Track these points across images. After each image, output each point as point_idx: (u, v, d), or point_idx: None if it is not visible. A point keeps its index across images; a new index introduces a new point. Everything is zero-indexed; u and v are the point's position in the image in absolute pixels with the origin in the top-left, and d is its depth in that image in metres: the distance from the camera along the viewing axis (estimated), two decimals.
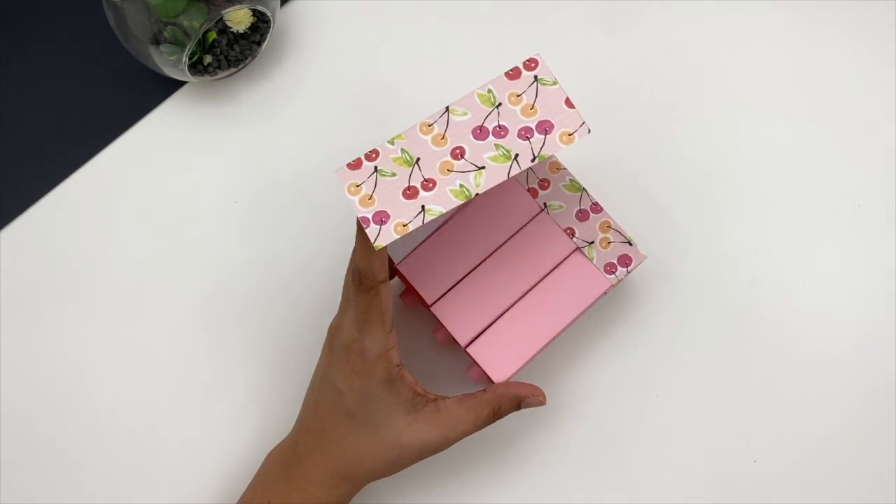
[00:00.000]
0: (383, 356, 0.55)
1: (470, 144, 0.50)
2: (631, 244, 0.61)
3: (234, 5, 0.65)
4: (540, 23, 0.74)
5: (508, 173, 0.49)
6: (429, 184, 0.50)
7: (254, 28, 0.69)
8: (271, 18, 0.68)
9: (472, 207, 0.61)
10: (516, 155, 0.49)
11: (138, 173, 0.71)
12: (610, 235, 0.61)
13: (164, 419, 0.66)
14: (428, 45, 0.73)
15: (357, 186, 0.51)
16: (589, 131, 0.49)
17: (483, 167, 0.49)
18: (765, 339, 0.66)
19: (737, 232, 0.68)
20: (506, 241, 0.61)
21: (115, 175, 0.70)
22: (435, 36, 0.74)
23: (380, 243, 0.49)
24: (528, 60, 0.52)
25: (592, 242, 0.61)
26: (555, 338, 0.59)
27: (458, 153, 0.50)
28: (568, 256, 0.60)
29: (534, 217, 0.61)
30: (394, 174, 0.51)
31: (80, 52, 0.73)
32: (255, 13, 0.68)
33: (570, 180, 0.62)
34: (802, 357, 0.66)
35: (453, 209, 0.52)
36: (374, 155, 0.52)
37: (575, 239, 0.61)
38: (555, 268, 0.60)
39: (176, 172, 0.71)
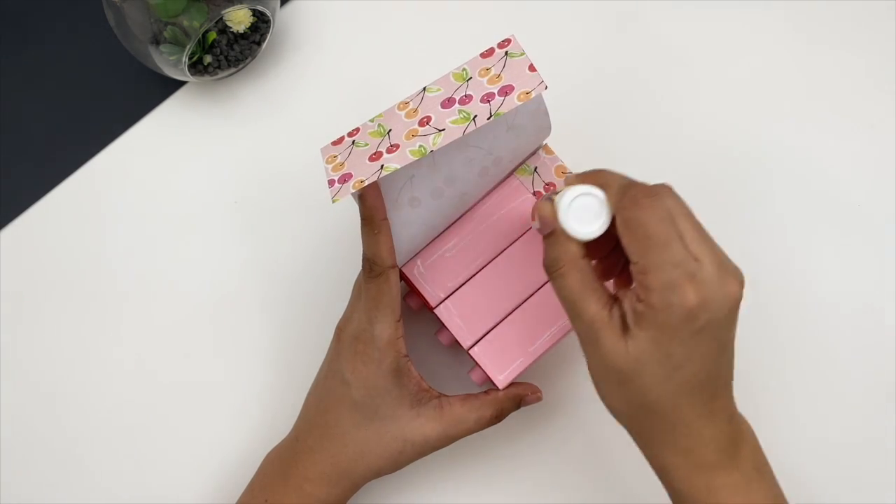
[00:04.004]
0: (392, 344, 0.55)
1: (437, 113, 0.52)
2: None
3: (234, 5, 0.65)
4: (541, 24, 0.74)
5: (464, 132, 0.50)
6: (393, 148, 0.52)
7: (254, 28, 0.69)
8: (271, 18, 0.68)
9: (476, 210, 0.61)
10: (475, 116, 0.51)
11: (138, 173, 0.71)
12: None
13: (165, 419, 0.66)
14: (426, 44, 0.74)
15: (334, 157, 0.54)
16: (546, 87, 0.51)
17: (443, 129, 0.51)
18: (764, 339, 0.66)
19: (737, 232, 0.68)
20: (510, 245, 0.61)
21: (115, 175, 0.70)
22: (433, 35, 0.74)
23: (337, 198, 0.50)
24: (502, 41, 0.54)
25: None
26: (558, 341, 0.59)
27: (425, 121, 0.52)
28: None
29: None
30: (366, 144, 0.53)
31: (80, 52, 0.73)
32: (255, 13, 0.68)
33: None
34: (802, 357, 0.66)
35: (414, 167, 0.54)
36: (355, 132, 0.55)
37: None
38: None
39: (176, 172, 0.71)
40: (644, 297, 0.46)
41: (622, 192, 0.48)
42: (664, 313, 0.45)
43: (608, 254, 0.53)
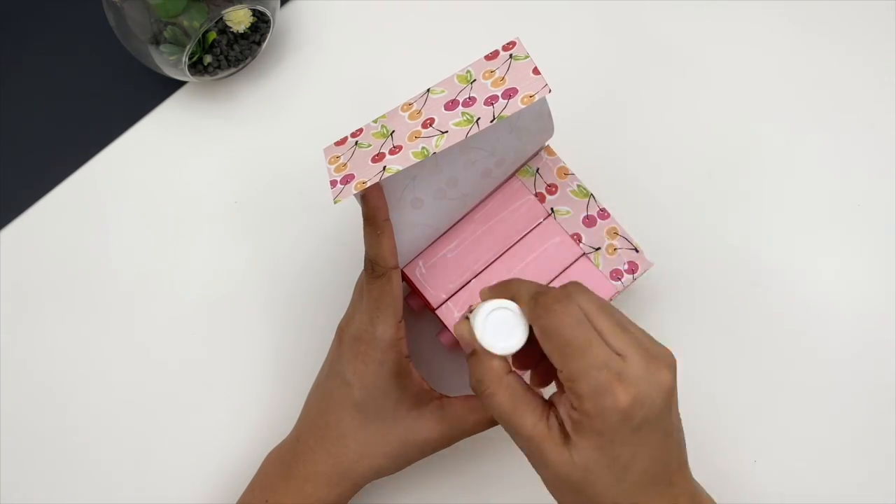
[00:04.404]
0: (394, 345, 0.55)
1: (440, 115, 0.52)
2: (637, 251, 0.61)
3: (234, 5, 0.65)
4: (539, 23, 0.74)
5: (467, 134, 0.50)
6: (396, 149, 0.52)
7: (254, 28, 0.69)
8: (271, 18, 0.68)
9: (477, 212, 0.61)
10: (478, 118, 0.51)
11: (138, 173, 0.70)
12: (616, 242, 0.61)
13: (165, 419, 0.66)
14: (427, 44, 0.73)
15: (337, 158, 0.54)
16: (550, 91, 0.51)
17: (446, 131, 0.51)
18: (766, 339, 0.67)
19: (738, 233, 0.69)
20: (512, 246, 0.61)
21: (115, 175, 0.70)
22: (434, 36, 0.74)
23: (339, 199, 0.50)
24: (507, 43, 0.54)
25: (599, 248, 0.61)
26: None
27: (428, 123, 0.52)
28: (574, 262, 0.60)
29: (541, 222, 0.61)
30: (369, 145, 0.53)
31: (80, 52, 0.72)
32: (255, 13, 0.67)
33: (578, 186, 0.62)
34: (803, 357, 0.66)
35: (414, 168, 0.54)
36: (358, 132, 0.55)
37: (581, 245, 0.61)
38: (561, 273, 0.60)
39: (176, 172, 0.71)
40: (577, 405, 0.45)
41: (534, 300, 0.47)
42: (599, 419, 0.44)
43: (541, 360, 0.52)
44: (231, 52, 0.69)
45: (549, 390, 0.51)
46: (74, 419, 0.66)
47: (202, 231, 0.69)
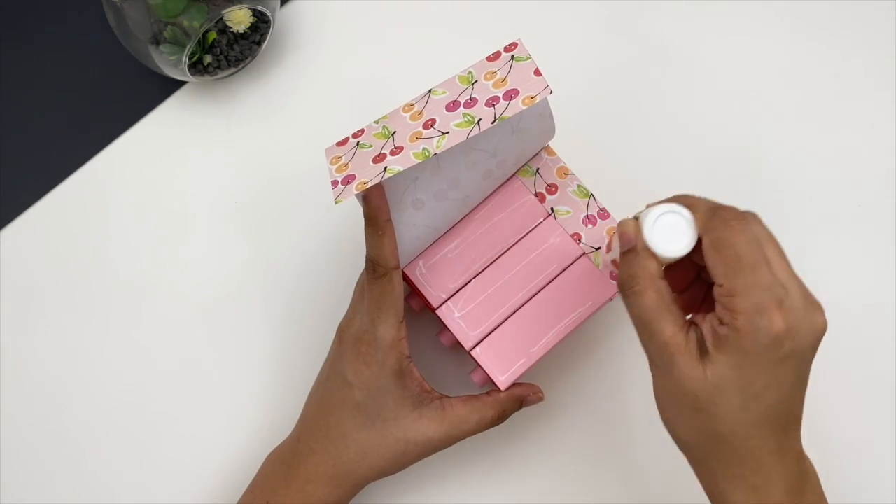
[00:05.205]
0: (395, 345, 0.55)
1: (441, 116, 0.53)
2: None
3: (234, 5, 0.65)
4: (539, 23, 0.74)
5: (468, 135, 0.51)
6: (397, 150, 0.52)
7: (254, 28, 0.69)
8: (271, 18, 0.68)
9: (478, 211, 0.61)
10: (479, 119, 0.51)
11: (138, 173, 0.70)
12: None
13: (165, 419, 0.66)
14: (426, 44, 0.74)
15: (338, 158, 0.54)
16: (551, 92, 0.51)
17: (447, 132, 0.51)
18: None
19: None
20: (512, 246, 0.61)
21: (115, 175, 0.70)
22: (433, 36, 0.74)
23: (340, 199, 0.51)
24: (508, 45, 0.54)
25: (599, 248, 0.61)
26: (560, 342, 0.60)
27: (429, 124, 0.53)
28: (574, 262, 0.60)
29: (541, 222, 0.61)
30: (371, 146, 0.53)
31: (80, 52, 0.73)
32: (255, 13, 0.67)
33: (578, 186, 0.62)
34: None
35: (417, 169, 0.55)
36: (360, 133, 0.55)
37: (581, 244, 0.61)
38: (561, 273, 0.60)
39: (176, 172, 0.71)
40: (728, 321, 0.45)
41: (710, 213, 0.47)
42: (749, 338, 0.44)
43: (686, 288, 0.52)
44: (231, 52, 0.69)
45: None
46: (74, 419, 0.66)
47: (202, 231, 0.69)
